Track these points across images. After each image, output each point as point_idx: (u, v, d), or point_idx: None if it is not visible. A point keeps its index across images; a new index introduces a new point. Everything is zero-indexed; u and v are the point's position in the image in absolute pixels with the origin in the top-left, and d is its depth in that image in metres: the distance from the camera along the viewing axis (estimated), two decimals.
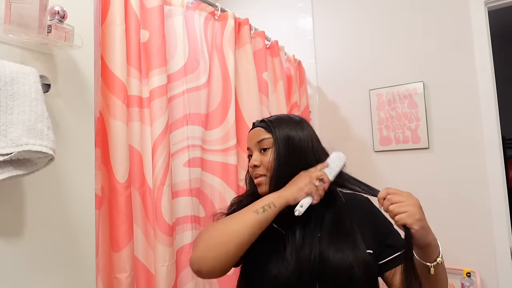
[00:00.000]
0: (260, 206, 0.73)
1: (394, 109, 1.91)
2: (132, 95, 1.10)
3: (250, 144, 0.87)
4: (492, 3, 1.71)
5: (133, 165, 1.08)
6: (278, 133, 0.82)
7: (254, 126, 0.88)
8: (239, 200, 0.91)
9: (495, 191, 1.62)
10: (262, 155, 0.83)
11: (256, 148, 0.84)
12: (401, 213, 0.67)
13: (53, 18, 0.73)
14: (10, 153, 0.61)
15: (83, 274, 0.81)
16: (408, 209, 0.68)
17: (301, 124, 0.86)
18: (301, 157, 0.81)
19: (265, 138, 0.83)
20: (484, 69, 1.68)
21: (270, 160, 0.81)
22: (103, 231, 1.02)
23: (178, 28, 1.31)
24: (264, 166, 0.82)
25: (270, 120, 0.86)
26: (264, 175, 0.82)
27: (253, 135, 0.86)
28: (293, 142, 0.81)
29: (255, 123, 0.89)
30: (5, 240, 0.68)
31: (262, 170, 0.82)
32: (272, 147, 0.82)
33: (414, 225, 0.66)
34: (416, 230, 0.66)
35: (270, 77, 1.76)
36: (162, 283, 1.08)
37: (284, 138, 0.81)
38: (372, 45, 2.02)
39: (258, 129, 0.85)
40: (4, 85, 0.63)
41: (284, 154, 0.80)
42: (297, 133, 0.82)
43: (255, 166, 0.83)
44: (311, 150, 0.82)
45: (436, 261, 0.69)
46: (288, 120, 0.86)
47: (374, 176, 1.97)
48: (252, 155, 0.85)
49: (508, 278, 1.57)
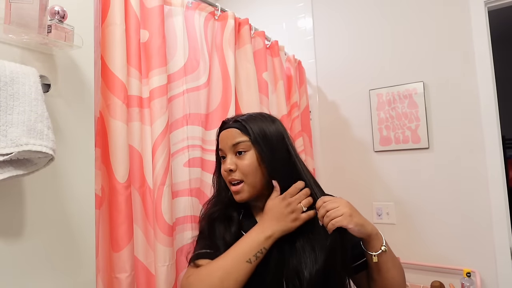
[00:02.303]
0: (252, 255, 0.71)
1: (394, 109, 1.91)
2: (132, 95, 1.10)
3: (223, 145, 0.82)
4: (492, 3, 1.71)
5: (133, 165, 1.08)
6: (255, 135, 0.78)
7: (227, 126, 0.83)
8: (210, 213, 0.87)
9: (495, 191, 1.62)
10: (237, 159, 0.79)
11: (231, 151, 0.80)
12: (337, 216, 0.71)
13: (53, 18, 0.73)
14: (10, 153, 0.61)
15: (83, 274, 0.81)
16: (343, 211, 0.72)
17: (274, 121, 0.83)
18: (279, 156, 0.78)
19: (241, 141, 0.79)
20: (484, 69, 1.68)
21: (247, 164, 0.77)
22: (103, 231, 1.01)
23: (178, 28, 1.31)
24: (240, 170, 0.78)
25: (244, 120, 0.81)
26: (242, 181, 0.79)
27: (227, 137, 0.81)
28: (271, 142, 0.78)
29: (227, 122, 0.84)
30: (5, 240, 0.68)
31: (238, 175, 0.79)
32: (250, 150, 0.78)
33: (350, 224, 0.71)
34: (352, 227, 0.72)
35: (270, 77, 1.76)
36: (162, 283, 1.08)
37: (262, 140, 0.78)
38: (372, 45, 2.02)
39: (232, 131, 0.81)
40: (4, 85, 0.63)
41: (264, 157, 0.77)
42: (272, 131, 0.80)
43: (231, 171, 0.79)
44: (286, 148, 0.80)
45: (381, 249, 0.75)
46: (261, 118, 0.82)
47: (374, 176, 1.97)
48: (226, 158, 0.81)
49: (508, 278, 1.57)
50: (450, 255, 1.71)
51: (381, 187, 1.94)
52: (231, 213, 0.83)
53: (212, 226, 0.83)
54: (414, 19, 1.90)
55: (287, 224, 0.74)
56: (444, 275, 1.70)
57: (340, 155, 2.10)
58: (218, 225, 0.82)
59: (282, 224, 0.74)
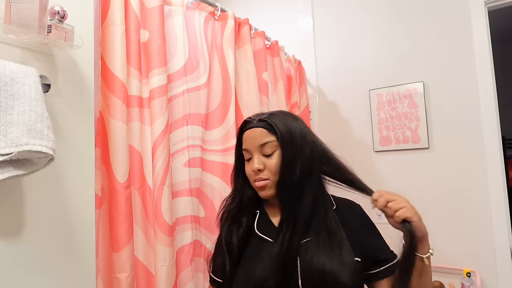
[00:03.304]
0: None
1: (394, 109, 1.91)
2: (132, 95, 1.10)
3: (249, 145, 0.80)
4: (492, 3, 1.71)
5: (133, 165, 1.08)
6: (282, 134, 0.77)
7: (252, 125, 0.81)
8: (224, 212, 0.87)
9: (495, 191, 1.62)
10: (265, 158, 0.78)
11: (258, 150, 0.79)
12: (400, 208, 0.70)
13: (53, 18, 0.73)
14: (10, 153, 0.61)
15: (83, 274, 0.81)
16: (405, 205, 0.71)
17: (297, 119, 0.83)
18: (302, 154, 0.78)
19: (269, 141, 0.78)
20: (484, 69, 1.68)
21: (275, 163, 0.77)
22: (103, 231, 1.02)
23: (178, 28, 1.31)
24: (268, 170, 0.78)
25: (269, 119, 0.80)
26: (268, 179, 0.78)
27: (253, 136, 0.80)
28: (296, 139, 0.78)
29: (250, 121, 0.83)
30: (5, 240, 0.68)
31: (266, 174, 0.78)
32: (277, 149, 0.78)
33: (414, 217, 0.70)
34: (416, 221, 0.70)
35: (270, 77, 1.76)
36: (162, 283, 1.08)
37: (289, 138, 0.77)
38: (372, 45, 2.02)
39: (259, 130, 0.79)
40: (4, 85, 0.63)
41: (288, 156, 0.77)
42: (296, 130, 0.79)
43: (259, 170, 0.79)
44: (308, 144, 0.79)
45: (429, 252, 0.73)
46: (284, 116, 0.82)
47: (374, 176, 1.97)
48: (253, 158, 0.80)
49: (508, 278, 1.57)
50: (450, 255, 1.71)
51: (381, 187, 1.92)
52: (243, 216, 0.84)
53: (223, 228, 0.85)
54: (414, 19, 1.90)
55: None
56: (444, 275, 1.70)
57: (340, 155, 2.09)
58: (228, 227, 0.84)
59: None
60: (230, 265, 0.79)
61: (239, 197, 0.86)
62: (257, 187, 0.81)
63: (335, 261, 0.72)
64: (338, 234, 0.76)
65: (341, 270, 0.71)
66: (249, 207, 0.85)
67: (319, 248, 0.73)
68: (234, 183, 0.88)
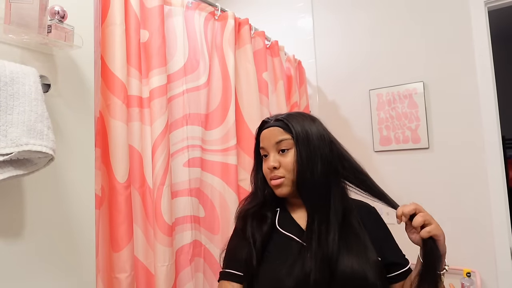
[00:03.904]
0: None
1: (394, 109, 1.91)
2: (132, 95, 1.10)
3: (266, 144, 0.83)
4: (492, 3, 1.71)
5: (133, 165, 1.08)
6: (297, 133, 0.79)
7: (269, 125, 0.83)
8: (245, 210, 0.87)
9: (495, 191, 1.62)
10: (281, 156, 0.80)
11: (274, 149, 0.81)
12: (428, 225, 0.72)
13: (53, 18, 0.73)
14: (10, 153, 0.61)
15: (83, 274, 0.81)
16: (433, 222, 0.74)
17: (314, 120, 0.84)
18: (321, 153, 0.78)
19: (284, 139, 0.79)
20: (484, 69, 1.68)
21: (290, 161, 0.78)
22: (103, 231, 1.02)
23: (178, 28, 1.31)
24: (284, 168, 0.79)
25: (286, 118, 0.82)
26: (283, 177, 0.80)
27: (269, 135, 0.82)
28: (313, 139, 0.79)
29: (267, 121, 0.85)
30: (5, 240, 0.68)
31: (282, 172, 0.79)
32: (293, 147, 0.79)
33: (441, 236, 0.73)
34: (441, 240, 0.73)
35: (270, 77, 1.76)
36: (162, 283, 1.08)
37: (304, 138, 0.78)
38: (372, 45, 2.02)
39: (275, 129, 0.81)
40: (4, 85, 0.63)
41: (306, 154, 0.77)
42: (313, 131, 0.80)
43: (275, 168, 0.80)
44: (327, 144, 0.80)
45: (445, 268, 0.76)
46: (302, 117, 0.83)
47: (374, 176, 1.94)
48: (269, 156, 0.82)
49: (508, 278, 1.57)
50: (450, 255, 1.69)
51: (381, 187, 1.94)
52: (266, 212, 0.84)
53: (245, 224, 0.84)
54: (414, 19, 1.90)
55: None
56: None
57: None
58: (251, 223, 0.83)
59: None
60: (256, 260, 0.78)
61: (261, 193, 0.87)
62: (273, 185, 0.82)
63: (363, 261, 0.73)
64: (361, 234, 0.78)
65: (368, 270, 0.72)
66: (272, 203, 0.86)
67: (348, 248, 0.74)
68: (255, 181, 0.90)
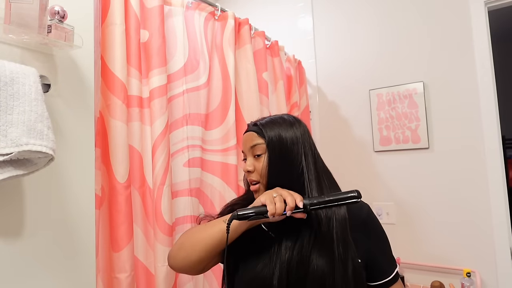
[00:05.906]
0: (226, 218, 0.74)
1: (394, 109, 1.91)
2: (132, 95, 1.10)
3: (244, 148, 0.85)
4: (492, 3, 1.71)
5: (133, 165, 1.08)
6: (270, 139, 0.79)
7: (248, 129, 0.86)
8: (231, 204, 0.91)
9: (495, 191, 1.62)
10: (255, 161, 0.81)
11: (250, 153, 0.82)
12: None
13: (53, 18, 0.73)
14: (10, 153, 0.61)
15: (83, 274, 0.81)
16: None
17: (293, 125, 0.82)
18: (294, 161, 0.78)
19: (258, 143, 0.80)
20: (484, 69, 1.68)
21: (263, 166, 0.79)
22: (103, 231, 1.02)
23: (178, 28, 1.31)
24: (257, 172, 0.80)
25: (262, 124, 0.82)
26: (259, 182, 0.81)
27: (246, 140, 0.84)
28: (286, 146, 0.78)
29: (249, 125, 0.87)
30: (5, 240, 0.68)
31: (256, 176, 0.81)
32: (265, 152, 0.79)
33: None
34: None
35: (270, 77, 1.76)
36: (162, 283, 1.08)
37: (276, 143, 0.78)
38: (372, 45, 2.02)
39: (251, 134, 0.83)
40: (4, 85, 0.63)
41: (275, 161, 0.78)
42: (288, 134, 0.79)
43: (249, 172, 0.82)
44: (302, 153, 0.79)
45: None
46: (281, 122, 0.82)
47: (374, 176, 1.97)
48: (246, 160, 0.84)
49: (508, 278, 1.57)
50: (450, 255, 1.71)
51: (381, 187, 1.94)
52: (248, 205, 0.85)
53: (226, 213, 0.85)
54: (414, 19, 1.90)
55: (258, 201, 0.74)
56: (444, 275, 1.70)
57: (340, 155, 2.10)
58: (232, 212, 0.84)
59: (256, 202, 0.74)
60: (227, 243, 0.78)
61: (251, 193, 0.88)
62: (252, 190, 0.84)
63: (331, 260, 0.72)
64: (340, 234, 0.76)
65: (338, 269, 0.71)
66: None
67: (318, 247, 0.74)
68: (244, 181, 0.93)
